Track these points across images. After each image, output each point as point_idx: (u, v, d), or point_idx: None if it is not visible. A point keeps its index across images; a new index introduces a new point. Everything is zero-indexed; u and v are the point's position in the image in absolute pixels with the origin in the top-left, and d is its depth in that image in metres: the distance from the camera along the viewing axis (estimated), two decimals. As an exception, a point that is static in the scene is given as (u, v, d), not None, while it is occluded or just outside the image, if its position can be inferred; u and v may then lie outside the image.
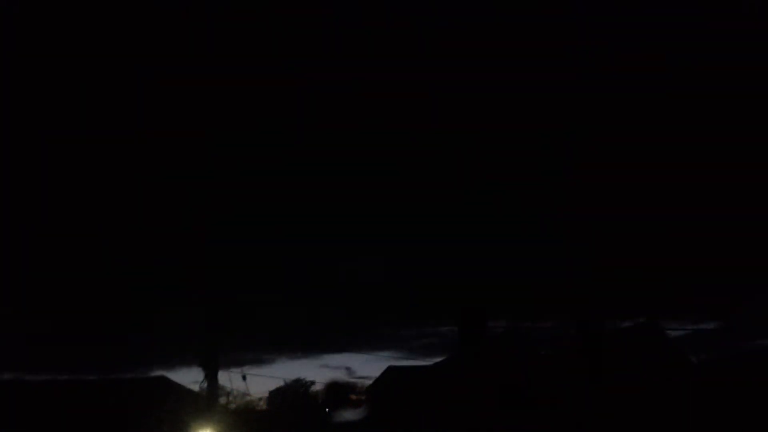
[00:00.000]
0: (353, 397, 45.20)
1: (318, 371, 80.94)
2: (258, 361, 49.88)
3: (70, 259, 36.46)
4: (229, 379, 22.37)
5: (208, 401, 21.50)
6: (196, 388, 22.27)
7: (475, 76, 38.77)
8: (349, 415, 40.20)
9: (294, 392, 49.94)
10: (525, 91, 39.77)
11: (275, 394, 48.96)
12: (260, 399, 48.46)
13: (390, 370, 39.36)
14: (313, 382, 50.89)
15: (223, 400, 28.73)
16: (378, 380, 41.72)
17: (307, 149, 39.07)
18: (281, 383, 49.13)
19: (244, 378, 23.24)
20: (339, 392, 45.21)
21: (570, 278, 37.93)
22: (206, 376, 21.10)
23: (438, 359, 38.72)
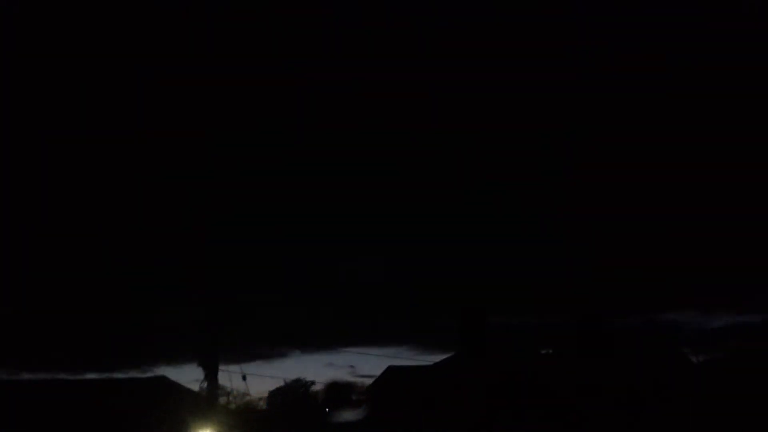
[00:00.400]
0: (354, 397, 45.14)
1: (323, 369, 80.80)
2: (262, 358, 49.84)
3: (70, 259, 36.45)
4: (229, 379, 22.30)
5: (208, 401, 21.46)
6: (196, 387, 22.22)
7: (475, 76, 38.75)
8: (349, 415, 40.15)
9: (294, 392, 49.81)
10: (525, 91, 39.76)
11: (275, 394, 48.83)
12: (260, 399, 48.35)
13: (390, 369, 39.23)
14: (313, 382, 50.75)
15: (223, 400, 28.68)
16: (378, 380, 41.61)
17: (307, 149, 39.06)
18: (281, 383, 49.03)
19: (244, 378, 23.12)
20: (339, 392, 45.15)
21: (570, 278, 37.91)
22: (206, 376, 21.05)
23: (444, 356, 38.57)
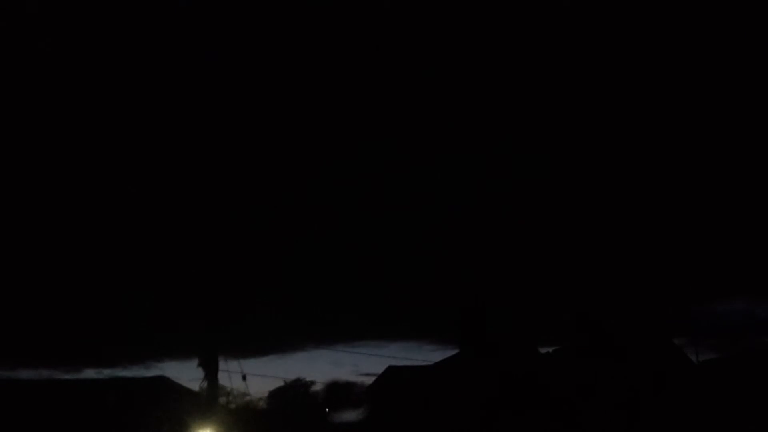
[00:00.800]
0: (354, 396, 45.19)
1: (326, 368, 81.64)
2: (274, 352, 49.90)
3: (69, 259, 36.46)
4: (229, 379, 22.24)
5: (208, 401, 21.41)
6: (196, 387, 22.20)
7: (474, 76, 38.74)
8: (349, 415, 40.17)
9: (294, 392, 49.93)
10: (524, 91, 39.73)
11: (275, 394, 48.99)
12: (260, 399, 48.44)
13: (390, 369, 39.25)
14: (313, 382, 50.88)
15: (223, 400, 28.67)
16: (378, 380, 41.63)
17: (308, 149, 39.09)
18: (281, 383, 49.20)
19: (244, 378, 23.03)
20: (339, 392, 45.21)
21: (570, 277, 37.93)
22: (206, 376, 20.99)
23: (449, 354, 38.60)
